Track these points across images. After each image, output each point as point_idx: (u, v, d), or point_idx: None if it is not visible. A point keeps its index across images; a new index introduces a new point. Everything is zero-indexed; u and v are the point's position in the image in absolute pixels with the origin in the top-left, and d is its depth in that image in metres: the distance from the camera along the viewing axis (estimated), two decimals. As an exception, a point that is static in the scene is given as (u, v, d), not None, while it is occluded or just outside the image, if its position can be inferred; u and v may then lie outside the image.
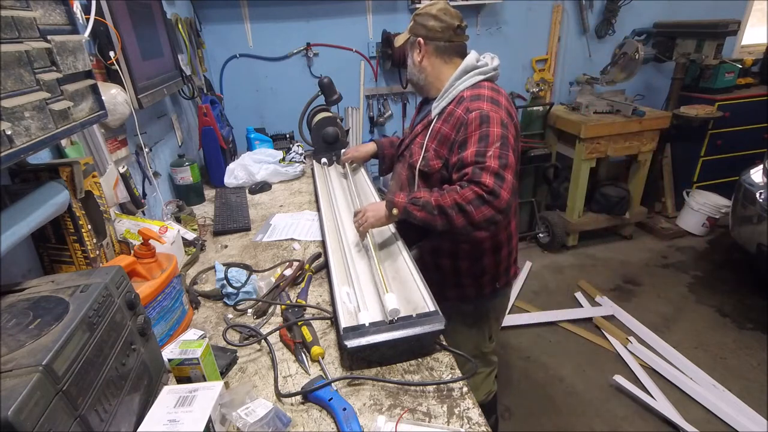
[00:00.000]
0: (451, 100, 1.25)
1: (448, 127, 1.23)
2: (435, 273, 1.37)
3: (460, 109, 1.20)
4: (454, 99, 1.25)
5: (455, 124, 1.20)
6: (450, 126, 1.22)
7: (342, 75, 2.92)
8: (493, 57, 1.32)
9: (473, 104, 1.18)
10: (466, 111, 1.18)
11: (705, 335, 2.37)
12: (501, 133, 1.12)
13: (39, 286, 0.72)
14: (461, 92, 1.24)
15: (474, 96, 1.21)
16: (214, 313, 1.14)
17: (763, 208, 2.40)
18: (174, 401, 0.70)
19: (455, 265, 1.35)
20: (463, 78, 1.25)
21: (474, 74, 1.25)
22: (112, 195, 1.18)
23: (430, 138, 1.27)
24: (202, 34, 2.73)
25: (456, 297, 1.38)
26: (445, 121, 1.24)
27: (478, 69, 1.26)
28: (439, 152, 1.25)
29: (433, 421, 0.79)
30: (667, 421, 1.88)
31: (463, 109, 1.19)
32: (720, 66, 3.12)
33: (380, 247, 1.28)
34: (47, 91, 0.69)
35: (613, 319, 2.52)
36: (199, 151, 2.15)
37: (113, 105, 1.19)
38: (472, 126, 1.15)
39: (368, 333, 0.90)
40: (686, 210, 3.33)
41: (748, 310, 2.54)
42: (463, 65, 1.26)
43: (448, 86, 1.26)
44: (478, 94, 1.21)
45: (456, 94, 1.24)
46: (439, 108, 1.27)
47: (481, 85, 1.24)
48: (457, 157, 1.16)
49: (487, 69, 1.27)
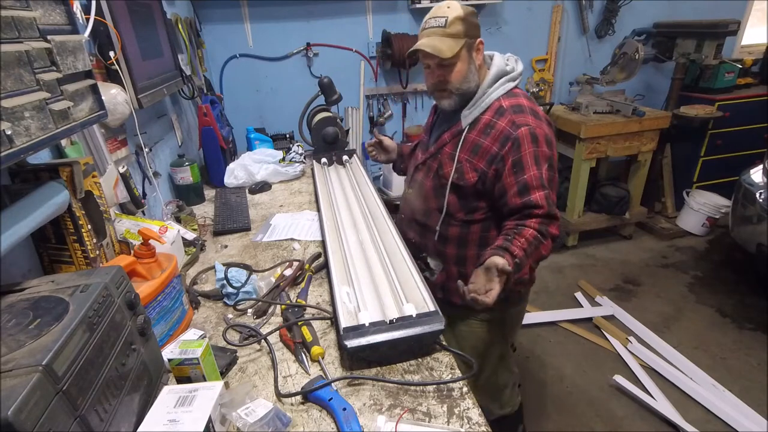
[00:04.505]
0: (485, 109, 1.19)
1: (488, 140, 1.16)
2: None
3: (504, 122, 1.14)
4: (488, 108, 1.19)
5: (498, 138, 1.14)
6: (491, 139, 1.16)
7: (342, 75, 2.92)
8: (516, 59, 1.26)
9: (518, 118, 1.13)
10: (512, 125, 1.13)
11: (705, 335, 2.37)
12: (549, 154, 1.13)
13: (39, 286, 0.72)
14: (496, 101, 1.18)
15: (516, 107, 1.16)
16: (214, 313, 1.14)
17: (763, 208, 2.40)
18: (174, 401, 0.70)
19: None
20: (495, 85, 1.19)
21: (506, 80, 1.20)
22: (112, 195, 1.18)
23: (463, 149, 1.20)
24: (202, 34, 2.73)
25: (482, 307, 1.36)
26: (482, 132, 1.18)
27: (510, 75, 1.20)
28: (474, 165, 1.19)
29: (433, 421, 0.79)
30: (667, 421, 1.88)
31: (508, 122, 1.14)
32: (720, 66, 3.12)
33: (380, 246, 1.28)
34: (47, 91, 0.69)
35: (613, 319, 2.52)
36: (199, 151, 2.15)
37: (113, 105, 1.19)
38: (525, 145, 1.11)
39: (368, 333, 0.90)
40: (686, 210, 3.33)
41: (748, 310, 2.54)
42: (495, 70, 1.19)
43: (480, 93, 1.19)
44: (519, 105, 1.16)
45: (489, 102, 1.18)
46: (472, 117, 1.20)
47: (516, 94, 1.20)
48: (513, 179, 1.13)
49: (516, 74, 1.22)
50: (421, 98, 3.28)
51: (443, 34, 1.13)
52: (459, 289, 1.01)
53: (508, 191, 1.14)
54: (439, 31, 1.14)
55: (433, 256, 1.35)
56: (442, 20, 1.13)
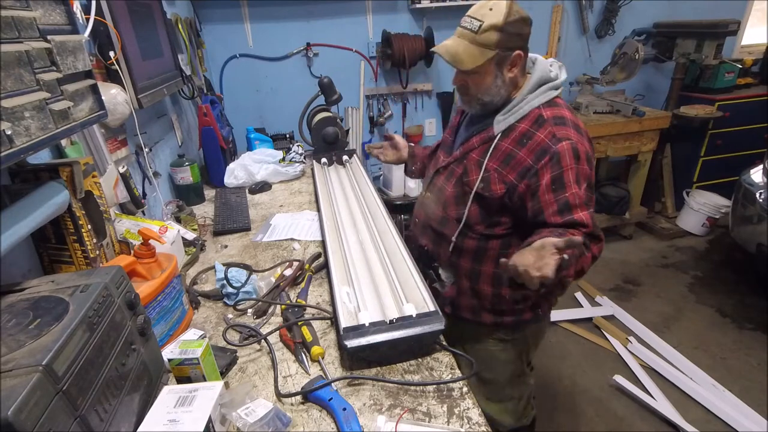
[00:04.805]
0: (523, 117, 1.09)
1: (523, 151, 1.06)
2: (471, 298, 1.25)
3: (543, 134, 1.05)
4: (526, 116, 1.09)
5: (535, 150, 1.05)
6: (527, 150, 1.06)
7: (342, 75, 2.92)
8: (560, 66, 1.15)
9: (560, 131, 1.04)
10: (552, 138, 1.03)
11: (705, 335, 2.37)
12: (589, 173, 1.05)
13: (39, 286, 0.72)
14: (536, 109, 1.09)
15: (557, 119, 1.06)
16: (214, 313, 1.14)
17: (763, 208, 2.40)
18: (174, 401, 0.70)
19: (496, 292, 1.21)
20: (537, 92, 1.09)
21: (548, 88, 1.10)
22: (112, 195, 1.18)
23: (493, 157, 1.11)
24: (202, 34, 2.73)
25: (493, 323, 1.26)
26: (517, 142, 1.08)
27: (553, 82, 1.11)
28: (503, 176, 1.09)
29: (433, 421, 0.79)
30: (667, 421, 1.88)
31: (547, 134, 1.04)
32: (720, 66, 3.12)
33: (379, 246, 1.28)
34: (47, 91, 0.69)
35: (613, 319, 2.52)
36: (199, 151, 2.15)
37: (113, 105, 1.19)
38: (566, 160, 1.01)
39: (368, 333, 0.90)
40: (686, 210, 3.33)
41: (748, 310, 2.54)
42: (538, 76, 1.09)
43: (518, 99, 1.10)
44: (561, 116, 1.07)
45: (528, 110, 1.09)
46: (506, 124, 1.10)
47: (558, 104, 1.10)
48: (552, 197, 1.02)
49: (559, 83, 1.12)
50: (421, 98, 3.28)
51: (472, 40, 1.03)
52: (503, 265, 0.91)
53: (545, 209, 1.04)
54: (469, 36, 1.03)
55: (445, 267, 1.27)
56: (477, 24, 1.02)
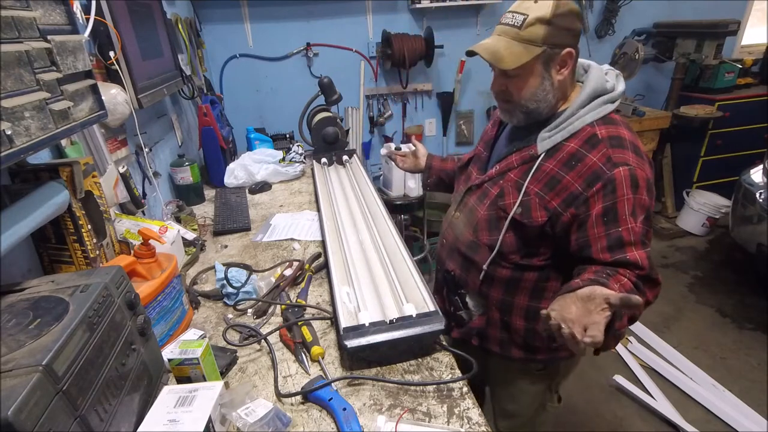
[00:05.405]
0: (572, 135, 0.95)
1: (571, 174, 0.92)
2: (501, 331, 1.13)
3: (596, 156, 0.90)
4: (576, 134, 0.94)
5: (585, 174, 0.90)
6: (575, 174, 0.92)
7: (342, 75, 2.92)
8: (617, 75, 1.01)
9: (616, 154, 0.89)
10: (606, 161, 0.89)
11: (705, 335, 2.37)
12: (648, 204, 0.90)
13: (39, 286, 0.72)
14: (589, 126, 0.94)
15: (614, 139, 0.92)
16: (214, 313, 1.14)
17: (763, 208, 2.40)
18: (174, 401, 0.70)
19: (529, 326, 1.09)
20: (590, 105, 0.95)
21: (603, 101, 0.95)
22: (112, 195, 1.18)
23: (534, 180, 0.97)
24: (202, 34, 2.73)
25: (523, 358, 1.14)
26: (564, 163, 0.94)
27: (609, 95, 0.96)
28: (546, 202, 0.95)
29: (433, 421, 0.79)
30: (667, 421, 1.88)
31: (602, 157, 0.90)
32: (720, 66, 3.12)
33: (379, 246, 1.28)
34: (47, 91, 0.69)
35: (613, 319, 2.52)
36: (199, 151, 2.15)
37: (113, 105, 1.19)
38: (622, 189, 0.87)
39: (368, 333, 0.90)
40: (686, 210, 3.33)
41: (748, 310, 2.54)
42: (592, 86, 0.95)
43: (568, 114, 0.95)
44: (619, 136, 0.92)
45: (579, 127, 0.94)
46: (552, 142, 0.96)
47: (615, 121, 0.96)
48: (602, 230, 0.89)
49: (616, 95, 0.97)
50: (421, 98, 3.28)
51: (515, 36, 0.91)
52: (544, 323, 0.80)
53: (593, 244, 0.90)
54: (511, 32, 0.91)
55: (473, 295, 1.14)
56: (520, 18, 0.90)
